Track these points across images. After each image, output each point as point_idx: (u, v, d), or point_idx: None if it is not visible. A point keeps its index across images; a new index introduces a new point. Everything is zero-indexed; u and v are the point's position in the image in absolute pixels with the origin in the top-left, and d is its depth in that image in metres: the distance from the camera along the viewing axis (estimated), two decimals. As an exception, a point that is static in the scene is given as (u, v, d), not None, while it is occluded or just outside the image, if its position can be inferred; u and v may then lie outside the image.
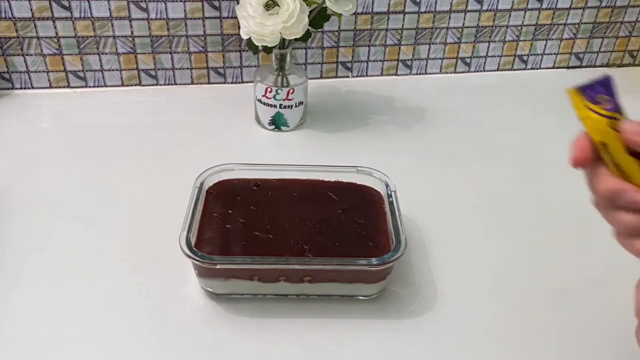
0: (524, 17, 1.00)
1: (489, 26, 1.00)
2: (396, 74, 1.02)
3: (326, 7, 0.78)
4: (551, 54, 1.05)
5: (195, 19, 0.90)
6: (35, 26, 0.87)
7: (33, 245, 0.64)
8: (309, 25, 0.77)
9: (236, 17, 0.88)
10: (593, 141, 0.37)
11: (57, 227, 0.66)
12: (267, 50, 0.80)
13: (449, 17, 0.97)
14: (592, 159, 0.37)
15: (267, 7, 0.73)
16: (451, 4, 0.96)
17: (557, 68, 1.07)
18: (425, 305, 0.58)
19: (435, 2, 0.95)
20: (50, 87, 0.93)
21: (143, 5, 0.88)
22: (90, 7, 0.87)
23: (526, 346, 0.55)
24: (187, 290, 0.59)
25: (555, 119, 0.92)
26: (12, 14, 0.86)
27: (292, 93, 0.82)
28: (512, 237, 0.67)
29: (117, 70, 0.93)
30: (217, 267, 0.54)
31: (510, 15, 0.99)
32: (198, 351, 0.53)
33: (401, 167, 0.69)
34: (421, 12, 0.96)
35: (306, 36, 0.78)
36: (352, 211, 0.62)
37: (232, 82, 0.98)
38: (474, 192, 0.73)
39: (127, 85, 0.95)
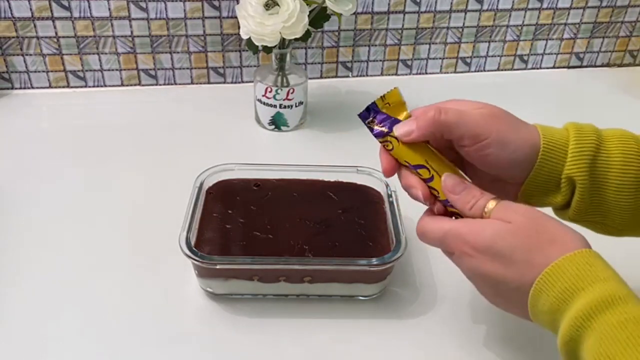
0: (524, 17, 1.00)
1: (489, 26, 1.00)
2: (396, 74, 1.02)
3: (326, 7, 0.78)
4: (552, 53, 1.05)
5: (195, 18, 0.90)
6: (35, 26, 0.87)
7: (33, 245, 0.64)
8: (309, 25, 0.77)
9: (236, 17, 0.88)
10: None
11: (57, 227, 0.66)
12: (267, 50, 0.80)
13: (449, 17, 0.97)
14: (395, 166, 0.48)
15: (267, 6, 0.73)
16: (451, 3, 0.96)
17: (558, 68, 1.07)
18: (425, 305, 0.58)
19: (436, 2, 0.95)
20: (50, 87, 0.93)
21: (143, 5, 0.88)
22: (89, 7, 0.87)
23: (526, 346, 0.54)
24: (187, 290, 0.59)
25: (555, 118, 0.92)
26: (11, 14, 0.86)
27: (292, 93, 0.82)
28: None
29: (116, 70, 0.93)
30: (217, 267, 0.54)
31: (510, 15, 0.99)
32: (198, 351, 0.53)
33: (401, 167, 0.69)
34: (421, 12, 0.96)
35: (306, 36, 0.78)
36: (352, 211, 0.62)
37: (232, 82, 0.98)
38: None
39: (127, 85, 0.95)
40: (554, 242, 0.41)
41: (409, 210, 0.67)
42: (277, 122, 0.85)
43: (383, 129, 0.48)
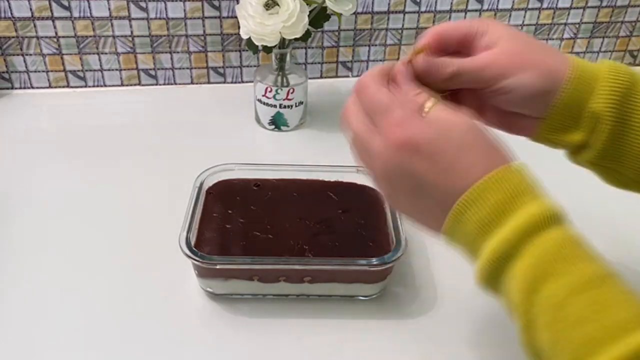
0: (524, 16, 1.00)
1: (489, 26, 1.00)
2: (396, 74, 1.02)
3: (326, 7, 0.78)
4: (551, 53, 1.05)
5: (195, 18, 0.90)
6: (34, 26, 0.87)
7: (33, 245, 0.64)
8: (309, 24, 0.77)
9: (236, 17, 0.88)
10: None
11: (56, 227, 0.66)
12: (267, 50, 0.80)
13: (450, 17, 0.97)
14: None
15: (267, 6, 0.73)
16: (452, 3, 0.96)
17: (558, 68, 1.07)
18: (425, 306, 0.58)
19: (436, 2, 0.95)
20: (50, 87, 0.93)
21: (143, 4, 0.88)
22: (89, 7, 0.86)
23: (527, 346, 0.54)
24: (187, 290, 0.58)
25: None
26: (11, 14, 0.86)
27: (292, 93, 0.82)
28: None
29: (116, 70, 0.93)
30: (217, 267, 0.54)
31: (510, 15, 0.99)
32: (198, 351, 0.53)
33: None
34: (421, 12, 0.96)
35: (306, 36, 0.78)
36: (352, 211, 0.62)
37: (232, 82, 0.98)
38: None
39: (127, 85, 0.95)
40: (496, 150, 0.39)
41: (409, 210, 0.67)
42: (277, 122, 0.85)
43: None
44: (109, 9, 0.87)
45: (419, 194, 0.40)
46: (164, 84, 0.96)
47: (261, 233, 0.59)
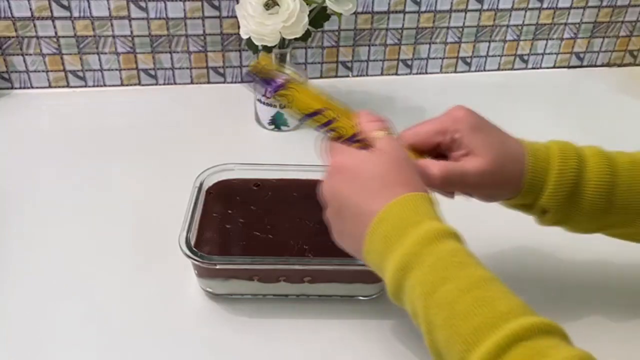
0: (524, 16, 1.00)
1: (489, 26, 1.00)
2: (396, 74, 1.02)
3: (326, 7, 0.78)
4: (552, 53, 1.05)
5: (194, 18, 0.90)
6: (34, 26, 0.87)
7: (33, 245, 0.64)
8: (309, 24, 0.77)
9: (236, 17, 0.88)
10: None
11: (56, 227, 0.66)
12: (267, 49, 0.80)
13: (450, 17, 0.97)
14: None
15: (267, 6, 0.73)
16: (452, 3, 0.96)
17: (558, 68, 1.07)
18: (425, 306, 0.58)
19: (436, 2, 0.95)
20: (50, 86, 0.93)
21: (142, 4, 0.88)
22: (89, 7, 0.86)
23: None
24: (187, 290, 0.58)
25: (555, 118, 0.92)
26: (11, 14, 0.85)
27: (292, 93, 0.82)
28: (513, 237, 0.67)
29: (116, 70, 0.93)
30: (217, 267, 0.54)
31: (510, 15, 0.99)
32: (198, 351, 0.53)
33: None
34: (421, 12, 0.96)
35: (306, 36, 0.78)
36: (352, 211, 0.61)
37: (231, 82, 0.98)
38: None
39: (127, 85, 0.95)
40: (407, 184, 0.45)
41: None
42: (277, 122, 0.85)
43: (278, 82, 0.51)
44: (109, 8, 0.87)
45: (345, 215, 0.46)
46: (164, 84, 0.96)
47: (261, 233, 0.58)
